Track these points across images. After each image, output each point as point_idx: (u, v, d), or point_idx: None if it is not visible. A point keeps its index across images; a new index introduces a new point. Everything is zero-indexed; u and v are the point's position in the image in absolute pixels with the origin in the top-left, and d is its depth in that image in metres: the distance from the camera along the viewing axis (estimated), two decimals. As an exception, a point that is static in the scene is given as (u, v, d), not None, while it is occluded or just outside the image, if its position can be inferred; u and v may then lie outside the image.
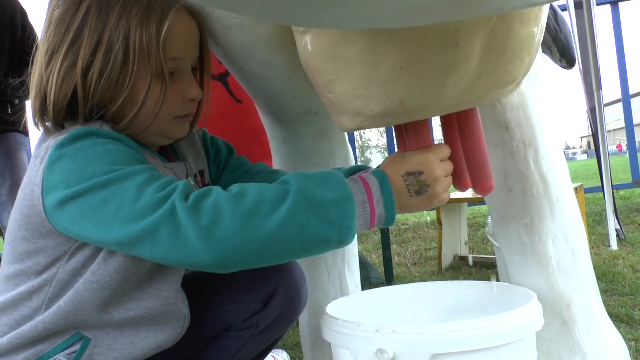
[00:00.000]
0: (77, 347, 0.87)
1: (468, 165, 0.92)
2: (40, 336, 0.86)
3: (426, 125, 0.87)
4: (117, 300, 0.87)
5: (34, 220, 0.84)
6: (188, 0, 0.94)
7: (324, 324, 0.93)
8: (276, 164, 1.30)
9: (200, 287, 1.05)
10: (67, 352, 0.87)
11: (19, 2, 2.58)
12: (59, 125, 0.88)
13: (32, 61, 0.91)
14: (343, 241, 0.78)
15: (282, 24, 0.89)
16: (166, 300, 0.91)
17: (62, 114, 0.87)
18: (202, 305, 1.04)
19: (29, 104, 1.02)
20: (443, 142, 0.94)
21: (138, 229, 0.74)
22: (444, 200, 0.86)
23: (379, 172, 0.84)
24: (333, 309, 0.99)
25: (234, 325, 1.04)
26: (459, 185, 0.93)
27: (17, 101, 2.49)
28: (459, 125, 0.91)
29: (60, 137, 0.82)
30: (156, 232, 0.74)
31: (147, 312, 0.90)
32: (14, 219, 0.87)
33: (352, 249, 1.37)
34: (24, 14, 2.57)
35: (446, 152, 0.87)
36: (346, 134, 1.33)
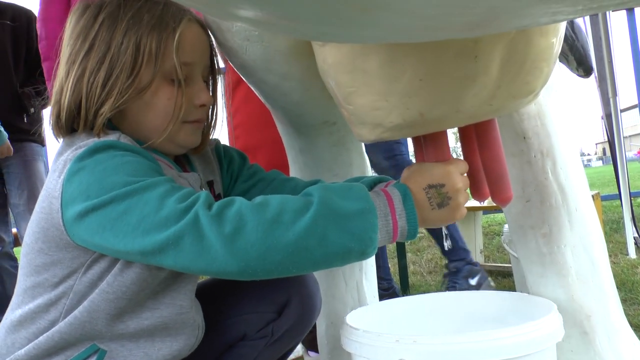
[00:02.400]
0: (94, 358, 0.88)
1: (486, 176, 0.92)
2: (57, 346, 0.87)
3: (444, 137, 0.88)
4: (132, 309, 0.88)
5: (51, 232, 0.85)
6: (201, 15, 0.97)
7: (344, 334, 0.93)
8: (293, 173, 1.31)
9: (215, 297, 1.06)
10: None
11: (34, 13, 2.63)
12: (71, 133, 0.91)
13: (55, 72, 0.94)
14: (364, 253, 0.78)
15: (304, 39, 0.90)
16: (180, 309, 0.92)
17: (71, 122, 0.90)
18: (217, 315, 1.05)
19: (46, 113, 1.05)
20: (460, 151, 0.94)
21: (162, 238, 0.76)
22: (463, 214, 0.86)
23: (401, 185, 0.84)
24: (352, 319, 0.99)
25: (248, 335, 1.04)
26: (478, 195, 0.93)
27: (32, 110, 2.53)
28: (477, 136, 0.91)
29: (79, 150, 0.83)
30: (180, 242, 0.75)
31: (162, 322, 0.90)
32: (30, 232, 0.89)
33: (370, 259, 1.37)
34: None
35: (465, 165, 0.88)
36: (363, 144, 1.33)
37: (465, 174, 0.88)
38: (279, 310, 1.05)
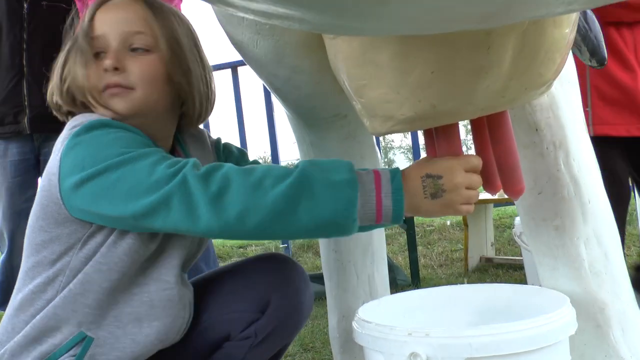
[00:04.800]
0: (80, 348, 0.90)
1: (499, 168, 0.91)
2: (50, 323, 0.89)
3: (456, 129, 0.87)
4: (123, 284, 0.91)
5: (50, 208, 0.89)
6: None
7: (356, 327, 0.93)
8: (304, 167, 1.31)
9: (199, 295, 1.05)
10: (70, 353, 0.90)
11: None
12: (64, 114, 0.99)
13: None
14: (342, 226, 0.81)
15: (316, 32, 0.89)
16: (165, 284, 0.94)
17: (62, 103, 0.97)
18: (201, 314, 1.04)
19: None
20: (470, 143, 0.93)
21: (152, 200, 0.80)
22: (462, 211, 0.84)
23: (394, 168, 0.85)
24: (364, 312, 0.99)
25: (232, 335, 1.02)
26: (490, 187, 0.93)
27: None
28: (490, 128, 0.91)
29: (75, 128, 0.89)
30: (169, 202, 0.80)
31: (148, 298, 0.92)
32: (32, 213, 0.93)
33: (381, 252, 1.37)
34: None
35: (476, 162, 0.86)
36: (374, 136, 1.33)
37: (473, 171, 0.86)
38: (261, 310, 1.02)
